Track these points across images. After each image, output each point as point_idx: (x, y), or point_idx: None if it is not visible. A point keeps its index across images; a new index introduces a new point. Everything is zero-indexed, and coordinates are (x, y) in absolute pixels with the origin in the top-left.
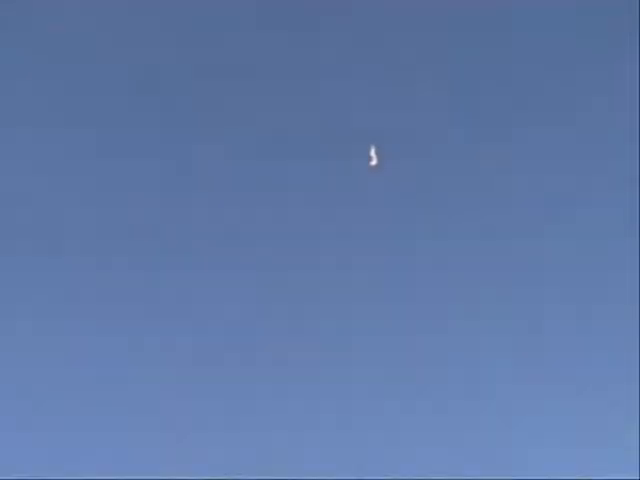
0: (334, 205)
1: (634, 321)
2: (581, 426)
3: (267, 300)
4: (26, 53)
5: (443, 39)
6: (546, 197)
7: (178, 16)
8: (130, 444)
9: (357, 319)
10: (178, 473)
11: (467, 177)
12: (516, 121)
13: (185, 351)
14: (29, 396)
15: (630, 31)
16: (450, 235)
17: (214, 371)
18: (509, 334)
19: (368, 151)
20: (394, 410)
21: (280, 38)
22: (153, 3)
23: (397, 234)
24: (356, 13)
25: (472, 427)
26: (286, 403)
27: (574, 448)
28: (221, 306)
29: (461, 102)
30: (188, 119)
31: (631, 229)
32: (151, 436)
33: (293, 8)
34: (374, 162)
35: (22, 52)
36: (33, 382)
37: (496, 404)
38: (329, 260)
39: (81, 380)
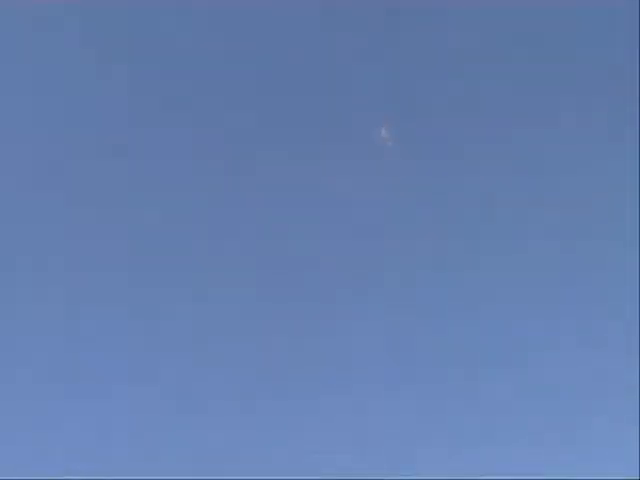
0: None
1: (634, 321)
2: (581, 425)
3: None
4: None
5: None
6: (544, 197)
7: None
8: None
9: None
10: (178, 473)
11: (466, 175)
12: (514, 120)
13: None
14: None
15: (630, 31)
16: (451, 235)
17: (214, 370)
18: (508, 331)
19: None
20: (394, 410)
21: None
22: None
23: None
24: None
25: (471, 427)
26: (286, 402)
27: (573, 448)
28: (222, 306)
29: (461, 101)
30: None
31: (631, 229)
32: (151, 435)
33: None
34: (390, 143)
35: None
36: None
37: (495, 404)
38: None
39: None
